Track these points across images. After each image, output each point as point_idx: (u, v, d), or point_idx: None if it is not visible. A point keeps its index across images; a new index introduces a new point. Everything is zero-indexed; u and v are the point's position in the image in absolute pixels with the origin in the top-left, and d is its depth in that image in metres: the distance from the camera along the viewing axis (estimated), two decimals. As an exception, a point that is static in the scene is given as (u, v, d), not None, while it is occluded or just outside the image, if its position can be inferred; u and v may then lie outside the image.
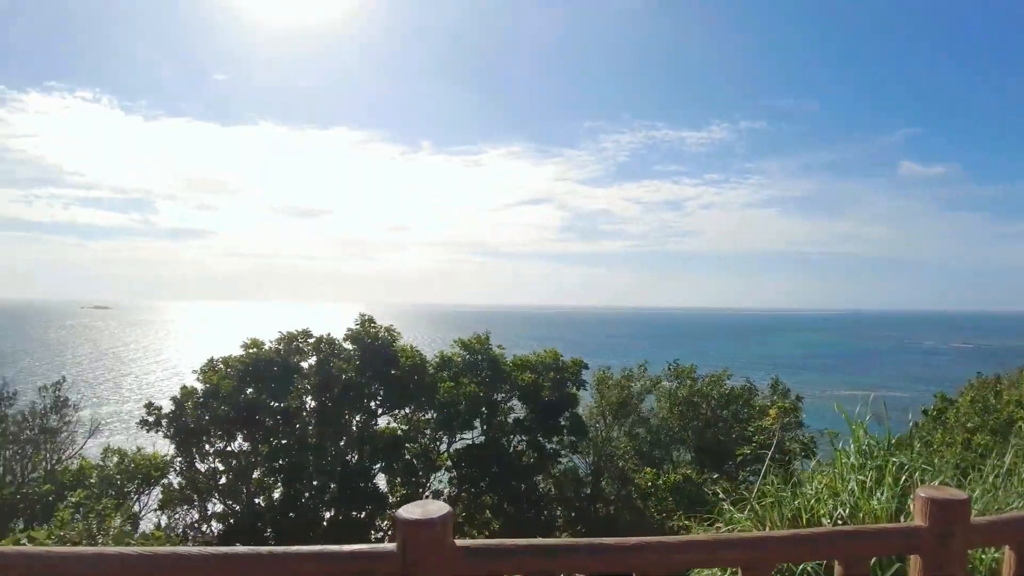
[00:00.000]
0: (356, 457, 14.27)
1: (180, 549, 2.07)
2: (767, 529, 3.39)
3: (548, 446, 16.93)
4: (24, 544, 5.21)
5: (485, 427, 16.24)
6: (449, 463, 16.52)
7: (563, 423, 16.88)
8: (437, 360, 16.41)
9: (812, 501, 3.41)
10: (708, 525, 3.82)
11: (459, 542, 2.17)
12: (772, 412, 14.23)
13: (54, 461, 11.48)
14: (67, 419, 11.73)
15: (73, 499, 11.32)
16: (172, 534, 11.52)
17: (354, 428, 14.45)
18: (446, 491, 16.52)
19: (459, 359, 16.61)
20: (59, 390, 11.71)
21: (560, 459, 17.42)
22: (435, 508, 2.10)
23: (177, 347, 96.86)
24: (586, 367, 17.52)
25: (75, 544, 7.05)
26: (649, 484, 15.66)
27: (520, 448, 16.72)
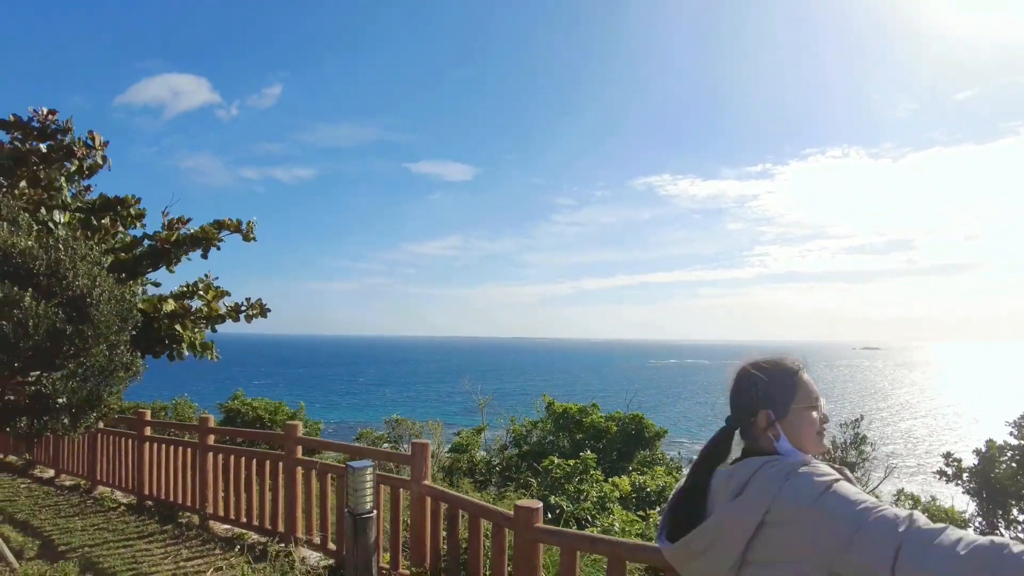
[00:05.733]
0: None
1: None
2: None
3: None
4: None
5: None
6: None
7: None
8: None
9: None
10: None
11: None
12: None
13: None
14: (864, 456, 12.31)
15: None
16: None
17: None
18: None
19: None
20: (858, 427, 12.47)
21: None
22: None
23: (953, 391, 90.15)
24: None
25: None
26: None
27: None
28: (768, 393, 1.62)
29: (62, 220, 6.71)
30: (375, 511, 4.32)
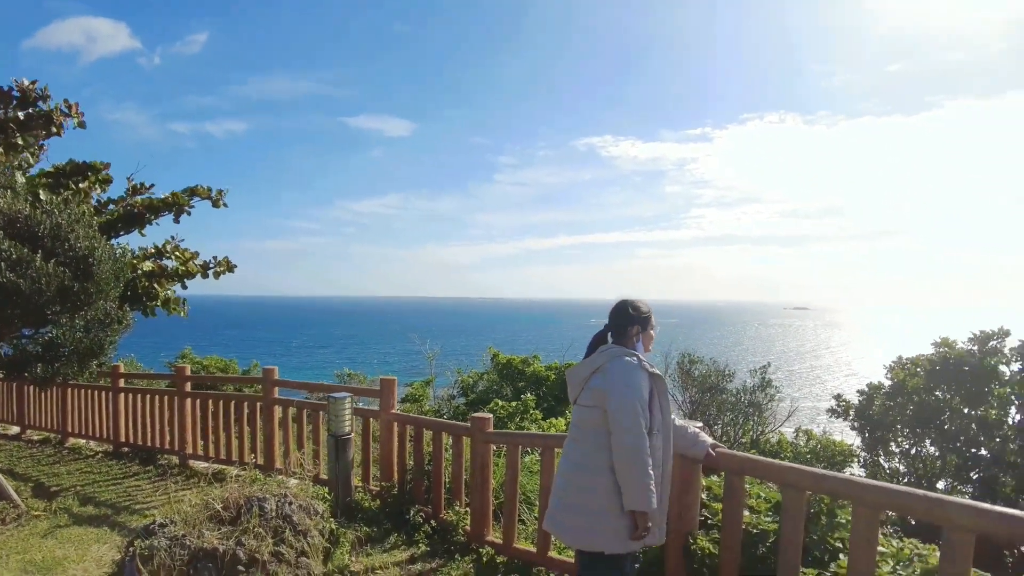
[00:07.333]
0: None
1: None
2: None
3: None
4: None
5: None
6: None
7: None
8: None
9: None
10: None
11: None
12: None
13: (758, 432, 13.73)
14: (770, 398, 13.86)
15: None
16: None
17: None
18: None
19: None
20: (765, 373, 14.01)
21: None
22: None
23: (863, 346, 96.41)
24: None
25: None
26: None
27: None
28: (636, 318, 3.09)
29: (23, 182, 7.14)
30: (352, 434, 5.22)
